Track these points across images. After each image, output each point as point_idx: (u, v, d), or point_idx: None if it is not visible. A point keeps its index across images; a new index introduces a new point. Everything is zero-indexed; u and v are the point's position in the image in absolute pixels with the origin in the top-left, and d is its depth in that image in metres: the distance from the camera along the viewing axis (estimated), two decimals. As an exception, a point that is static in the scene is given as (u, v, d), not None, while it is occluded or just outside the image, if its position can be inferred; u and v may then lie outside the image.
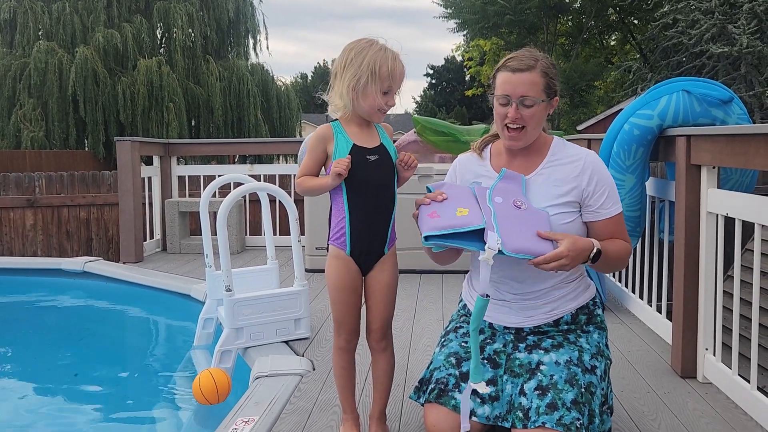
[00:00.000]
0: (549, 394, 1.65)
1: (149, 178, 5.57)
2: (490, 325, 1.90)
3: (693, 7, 8.53)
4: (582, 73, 16.00)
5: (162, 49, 17.05)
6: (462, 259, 1.91)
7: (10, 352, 3.75)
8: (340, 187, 1.82)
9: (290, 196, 3.43)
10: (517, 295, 1.84)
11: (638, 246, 3.26)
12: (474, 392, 1.76)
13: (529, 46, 1.95)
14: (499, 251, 1.59)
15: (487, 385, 1.77)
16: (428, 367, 1.91)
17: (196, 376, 2.63)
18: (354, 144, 1.81)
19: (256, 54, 18.55)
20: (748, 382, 2.15)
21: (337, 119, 1.86)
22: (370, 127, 1.86)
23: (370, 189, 1.81)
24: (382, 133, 1.89)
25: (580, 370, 1.71)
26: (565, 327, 1.83)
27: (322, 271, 1.87)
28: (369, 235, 1.84)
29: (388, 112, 1.89)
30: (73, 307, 4.60)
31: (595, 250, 1.69)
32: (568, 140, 1.91)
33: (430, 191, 1.81)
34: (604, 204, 1.79)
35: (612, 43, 17.99)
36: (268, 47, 34.60)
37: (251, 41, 18.44)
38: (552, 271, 1.68)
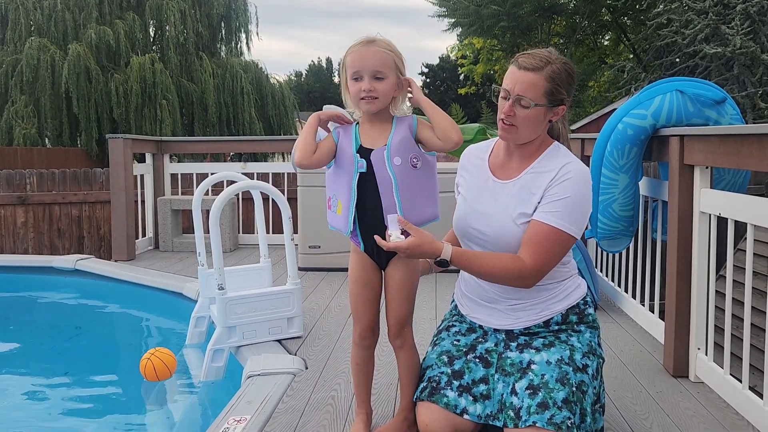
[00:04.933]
0: (540, 394, 1.65)
1: (142, 176, 5.54)
2: (481, 326, 1.90)
3: (687, 8, 8.55)
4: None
5: (155, 46, 16.98)
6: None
7: (0, 349, 3.72)
8: None
9: (283, 194, 3.42)
10: (503, 294, 1.84)
11: (631, 246, 3.27)
12: (466, 390, 1.76)
13: (539, 46, 1.86)
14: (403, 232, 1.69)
15: (479, 383, 1.77)
16: (421, 366, 1.91)
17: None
18: (361, 145, 1.81)
19: (249, 50, 18.51)
20: (740, 381, 2.16)
21: (357, 121, 1.86)
22: (382, 124, 1.81)
23: (370, 187, 1.80)
24: (394, 131, 1.80)
25: (571, 369, 1.71)
26: (556, 327, 1.83)
27: (315, 269, 1.86)
28: (374, 233, 1.82)
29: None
30: (65, 305, 4.57)
31: (440, 259, 1.70)
32: None
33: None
34: (547, 206, 1.72)
35: (605, 43, 18.02)
36: (258, 36, 34.44)
37: (243, 37, 18.41)
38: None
